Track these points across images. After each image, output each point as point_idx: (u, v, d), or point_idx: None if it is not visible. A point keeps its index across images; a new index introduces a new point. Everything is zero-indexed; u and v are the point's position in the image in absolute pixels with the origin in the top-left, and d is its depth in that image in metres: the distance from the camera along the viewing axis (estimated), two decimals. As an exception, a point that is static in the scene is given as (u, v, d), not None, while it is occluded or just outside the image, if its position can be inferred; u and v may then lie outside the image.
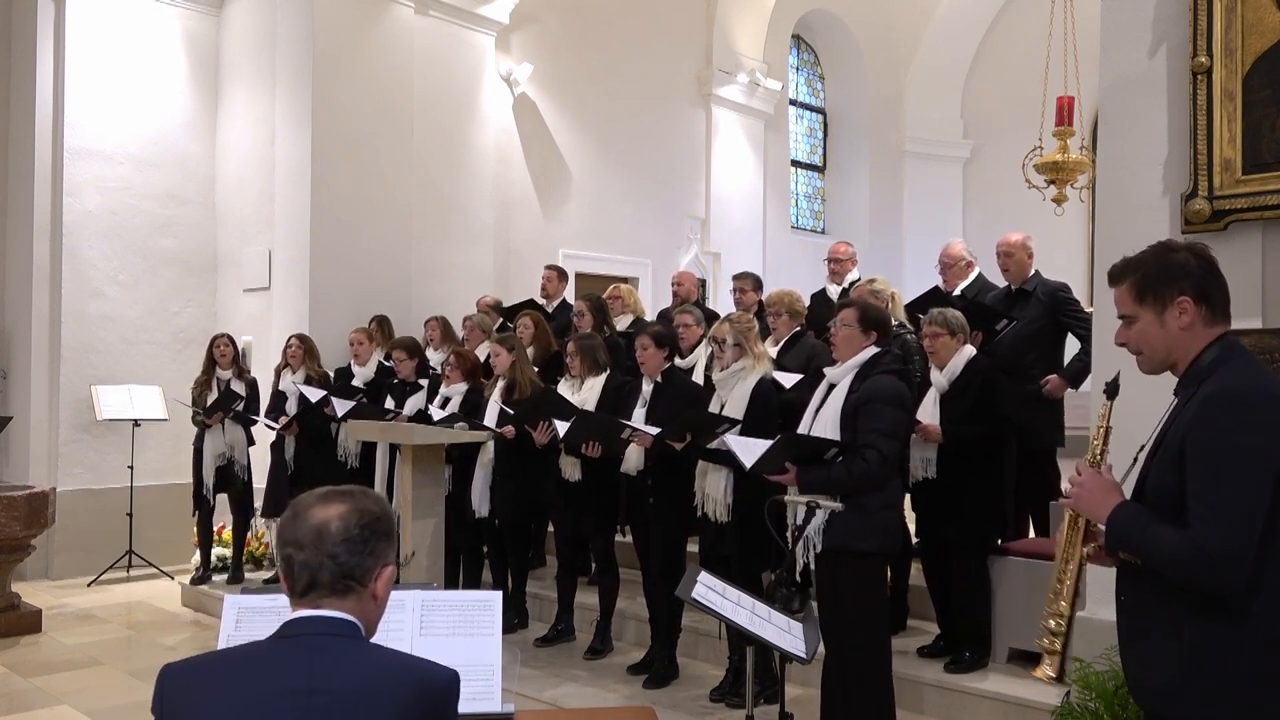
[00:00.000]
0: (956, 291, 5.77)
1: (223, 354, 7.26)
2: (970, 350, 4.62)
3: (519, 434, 5.43)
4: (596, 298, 6.57)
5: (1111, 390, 2.19)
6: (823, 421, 3.79)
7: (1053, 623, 2.18)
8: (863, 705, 3.72)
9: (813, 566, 3.80)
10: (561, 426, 5.03)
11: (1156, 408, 2.18)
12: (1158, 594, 2.00)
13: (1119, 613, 2.11)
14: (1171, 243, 2.14)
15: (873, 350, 3.82)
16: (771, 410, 4.56)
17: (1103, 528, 2.09)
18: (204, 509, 7.23)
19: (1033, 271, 5.48)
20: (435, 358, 6.88)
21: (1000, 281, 5.75)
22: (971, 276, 5.84)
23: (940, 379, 4.58)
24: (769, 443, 3.83)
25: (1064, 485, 5.37)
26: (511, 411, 5.39)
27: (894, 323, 5.30)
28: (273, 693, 1.62)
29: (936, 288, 5.83)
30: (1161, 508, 1.99)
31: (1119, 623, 2.11)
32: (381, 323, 7.67)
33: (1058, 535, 2.23)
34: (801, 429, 3.86)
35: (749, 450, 3.85)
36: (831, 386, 3.88)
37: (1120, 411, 2.20)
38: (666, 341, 5.07)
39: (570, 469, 5.27)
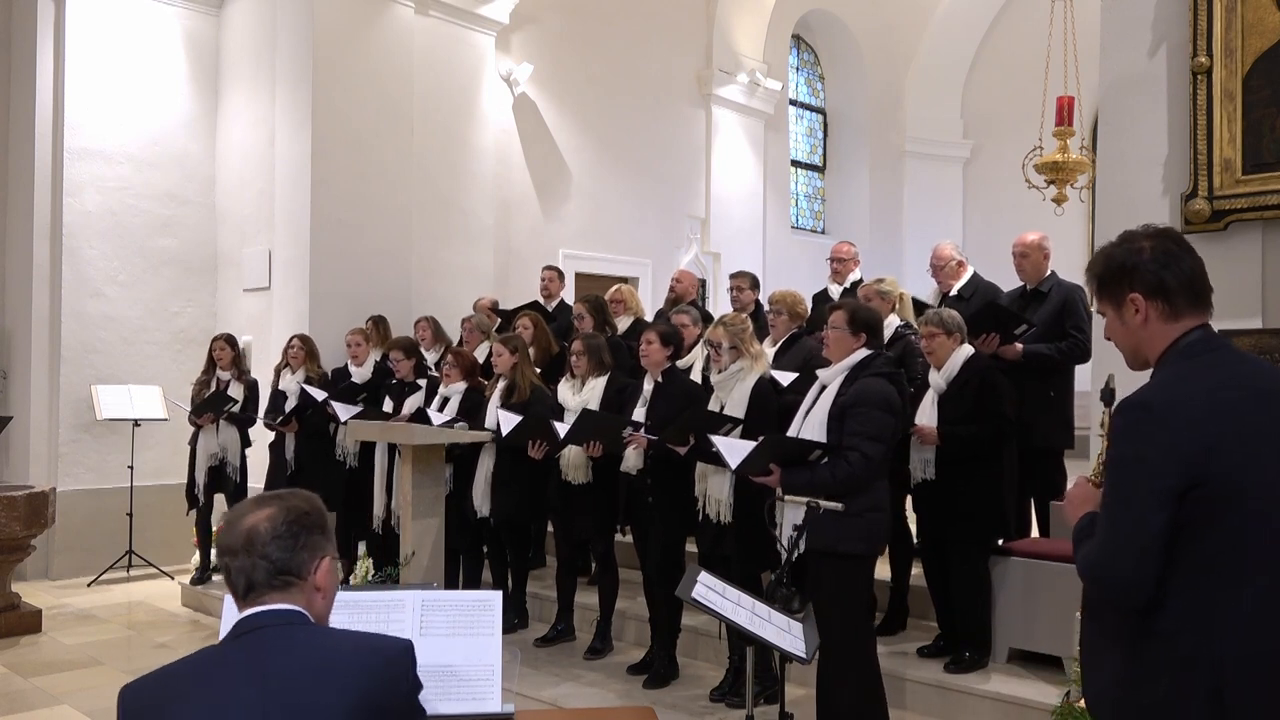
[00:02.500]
0: (952, 292, 5.76)
1: (220, 355, 7.26)
2: (968, 350, 4.61)
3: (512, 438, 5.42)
4: (595, 299, 6.54)
5: (1107, 397, 2.16)
6: (811, 423, 3.80)
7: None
8: (849, 706, 3.72)
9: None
10: (562, 427, 5.03)
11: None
12: (1102, 607, 1.98)
13: (1081, 619, 2.11)
14: (1131, 233, 2.04)
15: (864, 352, 3.83)
16: (771, 410, 4.56)
17: None
18: (201, 509, 7.23)
19: (1049, 272, 5.43)
20: (429, 358, 6.88)
21: (1006, 281, 5.74)
22: (966, 276, 5.82)
23: (938, 379, 4.58)
24: (753, 443, 3.83)
25: (1069, 487, 5.36)
26: (509, 416, 5.38)
27: (900, 323, 5.31)
28: (231, 688, 1.66)
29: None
30: None
31: (1080, 629, 2.11)
32: (378, 322, 7.66)
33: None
34: (791, 430, 3.87)
35: (734, 451, 3.86)
36: (823, 388, 3.88)
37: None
38: (671, 340, 5.07)
39: (576, 472, 5.27)
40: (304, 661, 1.68)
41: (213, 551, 7.32)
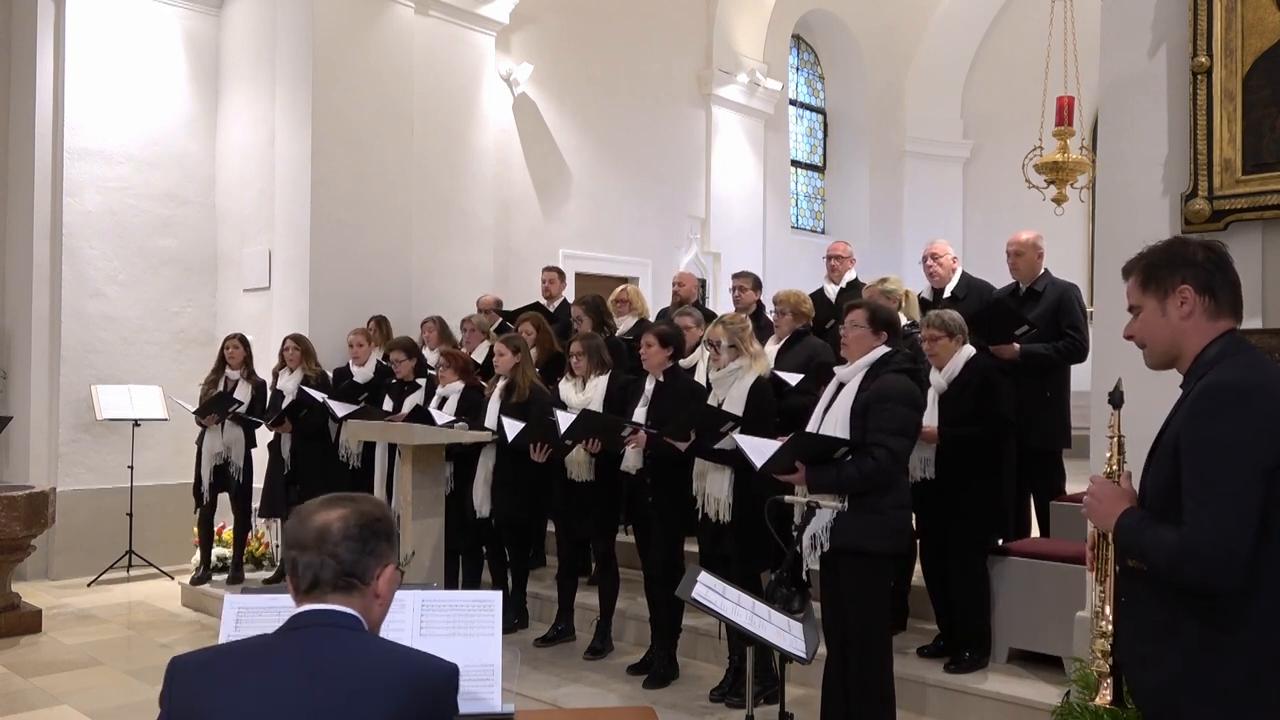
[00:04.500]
0: (946, 293, 5.78)
1: (232, 354, 7.26)
2: (970, 350, 4.62)
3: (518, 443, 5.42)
4: (591, 300, 6.53)
5: (1116, 399, 2.16)
6: (832, 420, 3.77)
7: (1100, 644, 2.14)
8: (864, 706, 3.71)
9: (815, 566, 3.80)
10: (564, 421, 5.03)
11: (1162, 410, 2.15)
12: (1158, 596, 1.98)
13: (1119, 614, 2.10)
14: (1185, 237, 2.14)
15: (883, 350, 3.82)
16: (769, 409, 4.56)
17: None
18: (204, 508, 7.23)
19: (1043, 270, 5.46)
20: (432, 358, 6.89)
21: (1002, 281, 5.75)
22: (957, 276, 5.87)
23: (939, 379, 4.58)
24: (778, 442, 3.83)
25: (1068, 487, 5.36)
26: (511, 424, 5.39)
27: (905, 322, 5.32)
28: (280, 679, 1.68)
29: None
30: (1164, 507, 1.96)
31: (1119, 624, 2.10)
32: (380, 323, 7.68)
33: (1088, 551, 2.20)
34: (810, 428, 3.84)
35: (759, 450, 3.85)
36: (841, 386, 3.87)
37: (1126, 416, 2.19)
38: (671, 341, 5.07)
39: (579, 470, 5.27)
40: (352, 669, 1.69)
41: (213, 551, 7.33)
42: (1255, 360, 2.01)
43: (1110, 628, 2.11)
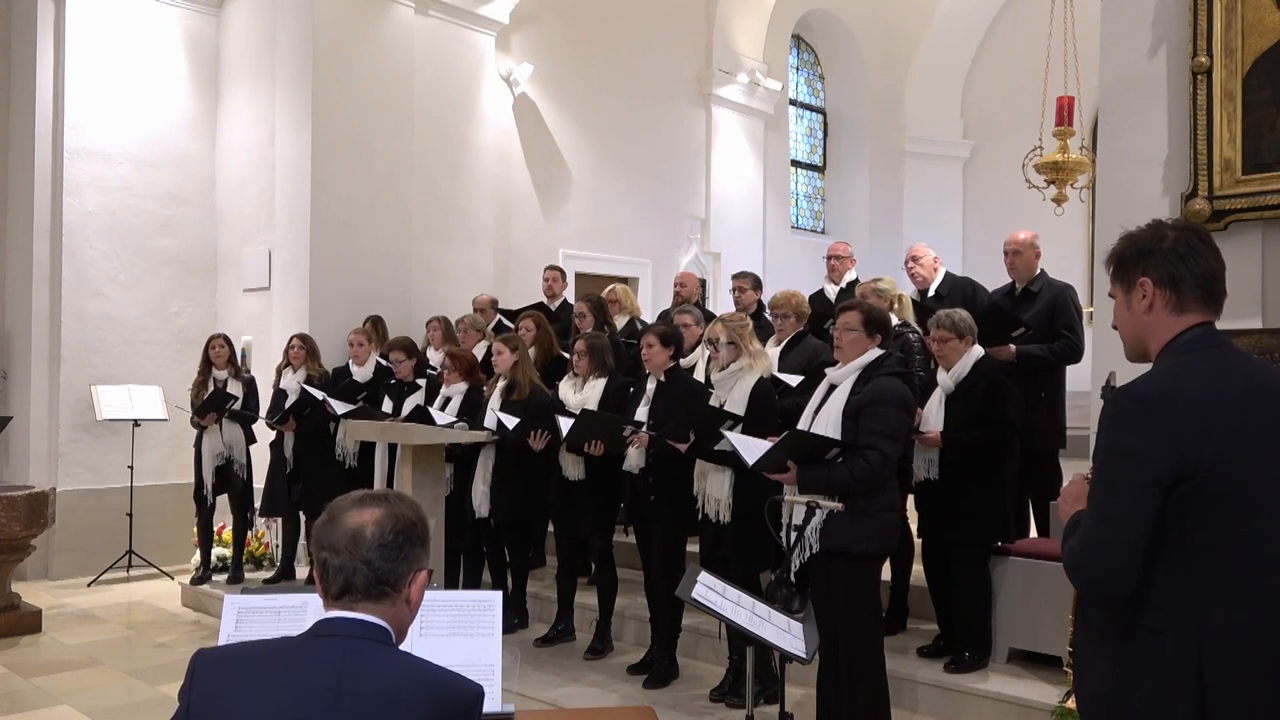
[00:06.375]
0: (931, 291, 5.79)
1: (217, 354, 7.25)
2: (979, 351, 4.59)
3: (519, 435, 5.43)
4: (598, 298, 6.58)
5: (1107, 394, 2.14)
6: (823, 421, 3.78)
7: (1070, 649, 2.13)
8: (858, 705, 3.72)
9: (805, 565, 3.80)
10: (565, 425, 5.03)
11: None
12: (1091, 602, 1.95)
13: (1074, 621, 2.08)
14: (1162, 221, 2.01)
15: (876, 352, 3.82)
16: (771, 410, 4.56)
17: None
18: (204, 509, 7.23)
19: (1039, 270, 5.47)
20: (436, 358, 6.88)
21: (994, 281, 5.75)
22: (941, 275, 5.88)
23: (947, 380, 4.56)
24: (770, 441, 3.83)
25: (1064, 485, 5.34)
26: (509, 418, 5.40)
27: (898, 323, 5.32)
28: (304, 688, 1.64)
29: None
30: None
31: (1073, 631, 2.08)
32: (376, 323, 7.68)
33: None
34: (800, 428, 3.86)
35: (751, 448, 3.85)
36: (833, 387, 3.87)
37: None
38: (672, 341, 5.07)
39: (572, 467, 5.28)
40: (377, 686, 1.65)
41: (213, 551, 7.33)
42: (1194, 363, 1.88)
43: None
